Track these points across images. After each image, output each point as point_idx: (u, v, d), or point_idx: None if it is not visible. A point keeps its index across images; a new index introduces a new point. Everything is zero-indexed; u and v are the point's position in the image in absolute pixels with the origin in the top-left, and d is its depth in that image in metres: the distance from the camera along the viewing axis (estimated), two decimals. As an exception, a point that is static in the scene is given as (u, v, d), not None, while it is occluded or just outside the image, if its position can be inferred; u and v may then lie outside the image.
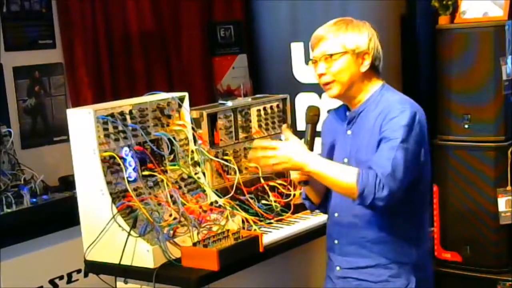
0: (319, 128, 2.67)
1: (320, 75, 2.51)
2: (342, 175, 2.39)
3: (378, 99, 2.52)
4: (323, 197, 2.66)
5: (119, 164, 2.78)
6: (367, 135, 2.48)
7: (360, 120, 2.54)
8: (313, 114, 2.58)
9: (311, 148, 2.52)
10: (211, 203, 2.94)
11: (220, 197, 3.00)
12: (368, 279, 2.51)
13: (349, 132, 2.56)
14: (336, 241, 2.58)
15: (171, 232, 2.72)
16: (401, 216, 2.48)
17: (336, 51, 2.48)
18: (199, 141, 3.08)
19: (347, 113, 2.59)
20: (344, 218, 2.54)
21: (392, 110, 2.44)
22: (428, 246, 2.64)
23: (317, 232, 3.02)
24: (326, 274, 2.69)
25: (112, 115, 2.81)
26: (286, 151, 2.42)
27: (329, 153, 2.63)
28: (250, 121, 3.37)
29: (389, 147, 2.38)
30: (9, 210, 3.69)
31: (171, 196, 2.85)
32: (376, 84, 2.56)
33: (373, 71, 2.54)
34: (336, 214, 2.58)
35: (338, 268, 2.58)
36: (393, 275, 2.49)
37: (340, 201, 2.53)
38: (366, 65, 2.51)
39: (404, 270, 2.50)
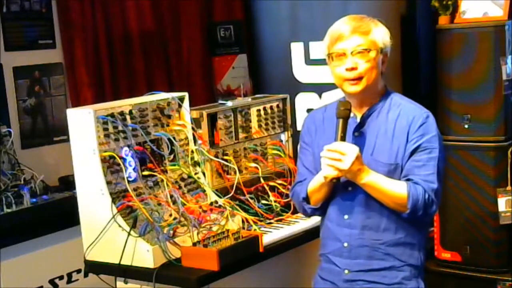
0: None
1: (351, 69, 2.42)
2: (393, 187, 2.40)
3: (389, 101, 2.50)
4: (326, 200, 2.59)
5: (119, 164, 2.78)
6: (384, 138, 2.46)
7: (372, 122, 2.50)
8: (344, 108, 2.45)
9: None
10: (211, 203, 2.94)
11: (220, 197, 3.00)
12: (381, 281, 2.49)
13: (356, 133, 2.51)
14: (345, 244, 2.52)
15: (171, 232, 2.72)
16: (418, 220, 2.47)
17: (371, 47, 2.43)
18: (199, 141, 3.07)
19: (352, 114, 2.51)
20: (357, 220, 2.50)
21: (417, 115, 2.44)
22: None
23: (317, 232, 3.01)
24: (318, 276, 2.65)
25: (112, 115, 2.81)
26: (353, 156, 2.36)
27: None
28: (250, 121, 3.37)
29: (430, 158, 2.40)
30: (9, 210, 3.69)
31: (171, 196, 2.85)
32: (383, 86, 2.54)
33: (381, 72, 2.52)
34: (346, 217, 2.52)
35: (346, 271, 2.53)
36: (406, 278, 2.49)
37: (351, 202, 2.50)
38: (385, 64, 2.49)
39: (414, 273, 2.51)
